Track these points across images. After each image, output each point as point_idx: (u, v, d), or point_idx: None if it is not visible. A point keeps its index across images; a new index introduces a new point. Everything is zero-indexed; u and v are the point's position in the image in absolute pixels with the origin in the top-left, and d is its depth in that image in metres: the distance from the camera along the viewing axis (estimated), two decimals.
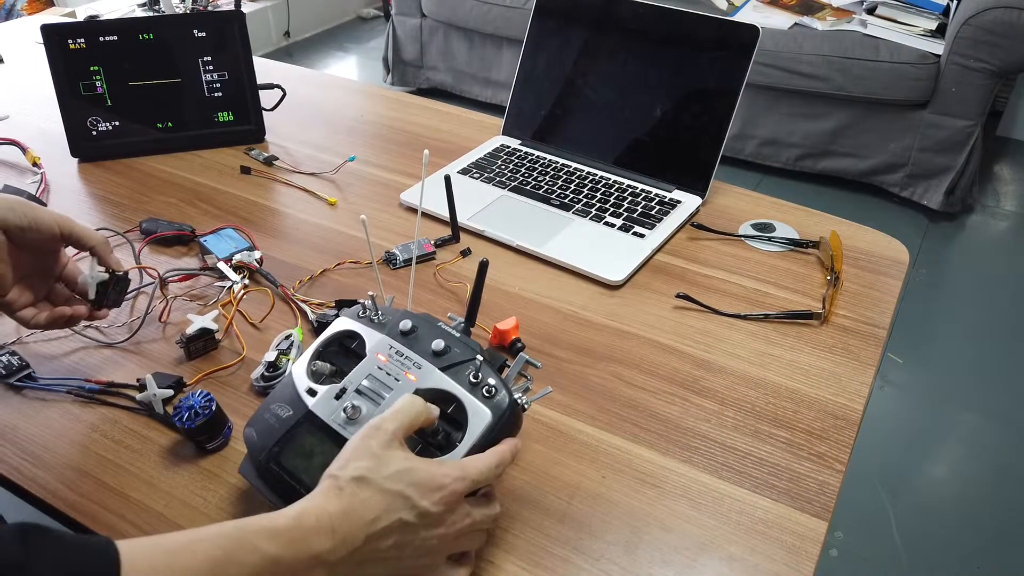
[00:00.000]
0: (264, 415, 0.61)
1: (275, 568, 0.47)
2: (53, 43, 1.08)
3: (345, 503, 0.50)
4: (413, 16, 3.10)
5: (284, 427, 0.59)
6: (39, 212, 0.68)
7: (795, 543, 0.62)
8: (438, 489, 0.52)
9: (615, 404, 0.75)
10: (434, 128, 1.27)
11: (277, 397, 0.62)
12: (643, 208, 1.02)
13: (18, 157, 1.14)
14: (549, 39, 1.14)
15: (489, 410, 0.56)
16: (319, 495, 0.51)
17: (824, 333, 0.84)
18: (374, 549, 0.51)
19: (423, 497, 0.52)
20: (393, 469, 0.52)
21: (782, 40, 2.48)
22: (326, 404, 0.59)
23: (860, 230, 1.02)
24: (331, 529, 0.49)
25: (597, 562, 0.60)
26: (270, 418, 0.60)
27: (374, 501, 0.51)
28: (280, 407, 0.61)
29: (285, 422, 0.60)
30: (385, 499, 0.51)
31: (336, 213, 1.04)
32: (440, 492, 0.52)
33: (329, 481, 0.52)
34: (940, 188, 2.47)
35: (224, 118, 1.18)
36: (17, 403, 0.73)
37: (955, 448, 1.78)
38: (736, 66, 1.01)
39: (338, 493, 0.51)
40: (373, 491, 0.51)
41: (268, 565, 0.47)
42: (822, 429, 0.73)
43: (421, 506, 0.51)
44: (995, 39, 2.23)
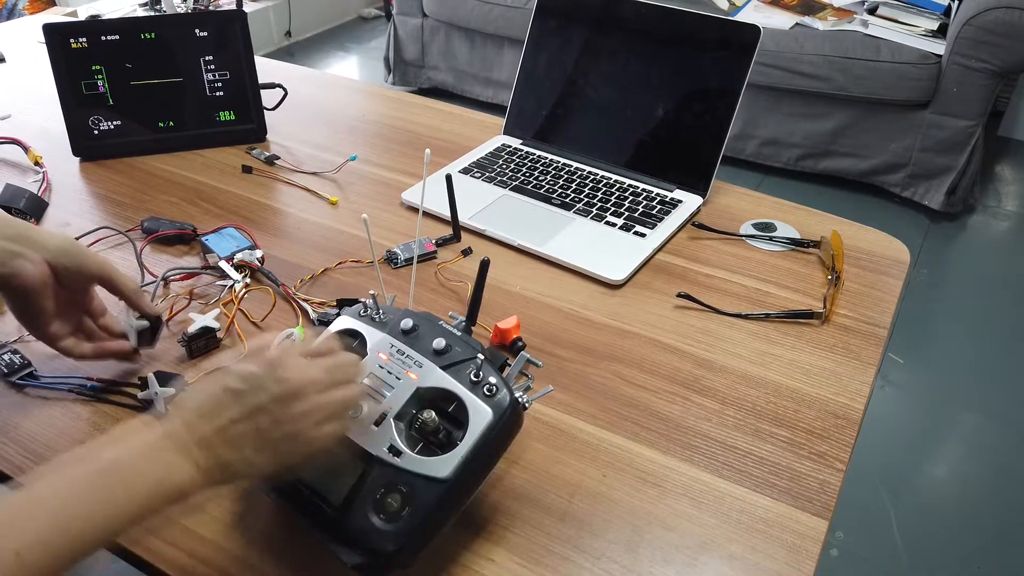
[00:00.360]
0: None
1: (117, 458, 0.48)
2: (55, 42, 1.08)
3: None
4: (414, 16, 3.10)
5: None
6: (85, 257, 0.70)
7: (796, 542, 0.62)
8: (254, 355, 0.55)
9: (616, 403, 0.75)
10: (435, 128, 1.27)
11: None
12: (644, 208, 1.02)
13: (20, 156, 1.14)
14: (550, 39, 1.15)
15: (490, 409, 0.56)
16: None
17: (825, 333, 0.85)
18: (216, 423, 0.51)
19: (242, 364, 0.54)
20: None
21: (783, 40, 2.48)
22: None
23: (861, 230, 1.02)
24: (157, 419, 0.52)
25: (598, 561, 0.60)
26: None
27: (198, 386, 0.55)
28: None
29: None
30: (208, 379, 0.54)
31: (337, 212, 1.04)
32: (256, 357, 0.54)
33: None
34: (941, 188, 2.47)
35: (225, 117, 1.18)
36: (19, 401, 0.73)
37: (956, 448, 1.78)
38: (737, 66, 1.01)
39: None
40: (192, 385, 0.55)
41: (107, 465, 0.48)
42: (823, 428, 0.73)
43: (242, 370, 0.53)
44: (996, 39, 2.23)
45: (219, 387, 0.53)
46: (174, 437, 0.50)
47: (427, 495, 0.54)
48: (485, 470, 0.58)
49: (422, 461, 0.55)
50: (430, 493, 0.54)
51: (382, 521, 0.54)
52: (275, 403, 0.53)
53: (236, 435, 0.51)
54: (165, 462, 0.49)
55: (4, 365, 0.76)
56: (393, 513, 0.54)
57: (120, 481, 0.47)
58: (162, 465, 0.49)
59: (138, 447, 0.49)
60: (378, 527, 0.54)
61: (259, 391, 0.53)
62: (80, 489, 0.46)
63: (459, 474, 0.54)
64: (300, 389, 0.54)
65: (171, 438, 0.50)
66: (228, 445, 0.51)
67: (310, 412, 0.54)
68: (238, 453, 0.51)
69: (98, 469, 0.47)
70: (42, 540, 0.44)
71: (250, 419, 0.52)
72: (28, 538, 0.44)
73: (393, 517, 0.54)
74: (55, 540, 0.44)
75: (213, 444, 0.51)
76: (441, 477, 0.54)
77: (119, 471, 0.48)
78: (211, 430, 0.51)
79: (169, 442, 0.50)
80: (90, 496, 0.46)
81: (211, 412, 0.52)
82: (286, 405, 0.53)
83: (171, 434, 0.50)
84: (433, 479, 0.54)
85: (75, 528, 0.45)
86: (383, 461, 0.56)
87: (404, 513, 0.54)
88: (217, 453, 0.51)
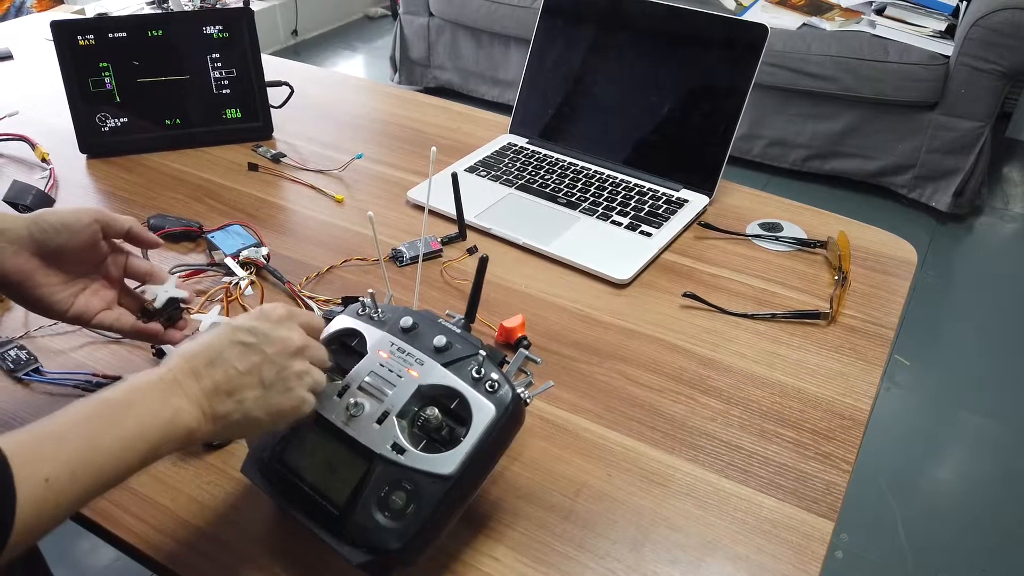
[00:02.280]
0: None
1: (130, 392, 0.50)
2: (63, 39, 1.08)
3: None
4: (421, 15, 3.10)
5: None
6: (63, 214, 0.67)
7: (801, 543, 0.62)
8: (260, 313, 0.57)
9: (621, 402, 0.75)
10: (441, 126, 1.27)
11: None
12: (650, 207, 1.02)
13: (27, 153, 1.15)
14: (557, 38, 1.14)
15: (493, 405, 0.56)
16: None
17: (831, 333, 0.84)
18: (223, 372, 0.53)
19: (250, 319, 0.56)
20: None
21: (790, 40, 2.47)
22: (328, 402, 0.59)
23: (868, 230, 1.01)
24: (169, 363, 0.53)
25: (602, 560, 0.60)
26: None
27: (205, 336, 0.55)
28: None
29: None
30: (216, 331, 0.55)
31: (343, 210, 1.04)
32: (262, 315, 0.57)
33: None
34: (948, 190, 2.46)
35: (232, 115, 1.18)
36: (24, 397, 0.74)
37: (962, 451, 1.77)
38: (744, 65, 1.01)
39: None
40: (199, 337, 0.56)
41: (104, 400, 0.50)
42: (829, 429, 0.72)
43: (251, 324, 0.55)
44: (1005, 40, 2.22)
45: (228, 339, 0.54)
46: (182, 384, 0.52)
47: (432, 492, 0.54)
48: (488, 466, 0.58)
49: (426, 458, 0.55)
50: (435, 490, 0.54)
51: (387, 519, 0.54)
52: (278, 357, 0.55)
53: (238, 386, 0.53)
54: (174, 405, 0.51)
55: (10, 361, 0.76)
56: (398, 511, 0.54)
57: (134, 418, 0.49)
58: (171, 408, 0.50)
59: (148, 391, 0.51)
60: (383, 525, 0.54)
61: (265, 343, 0.55)
62: (98, 423, 0.48)
63: (463, 470, 0.54)
64: (299, 350, 0.56)
65: (179, 384, 0.52)
66: (231, 397, 0.53)
67: (304, 373, 0.56)
68: (239, 405, 0.53)
69: (112, 407, 0.49)
70: (69, 468, 0.45)
71: (253, 371, 0.54)
72: (55, 466, 0.45)
73: (398, 515, 0.54)
74: (80, 469, 0.46)
75: (218, 392, 0.53)
76: (445, 474, 0.54)
77: (132, 409, 0.49)
78: (218, 378, 0.53)
79: (178, 387, 0.51)
80: (108, 430, 0.48)
81: (217, 364, 0.53)
82: (287, 360, 0.55)
83: (179, 381, 0.52)
84: (437, 476, 0.54)
85: (97, 459, 0.47)
86: (387, 459, 0.55)
87: (409, 510, 0.54)
88: (222, 401, 0.53)
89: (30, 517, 0.43)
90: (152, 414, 0.50)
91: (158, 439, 0.49)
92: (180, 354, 0.53)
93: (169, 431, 0.50)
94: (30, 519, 0.43)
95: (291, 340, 0.56)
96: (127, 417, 0.49)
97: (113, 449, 0.48)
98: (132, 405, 0.50)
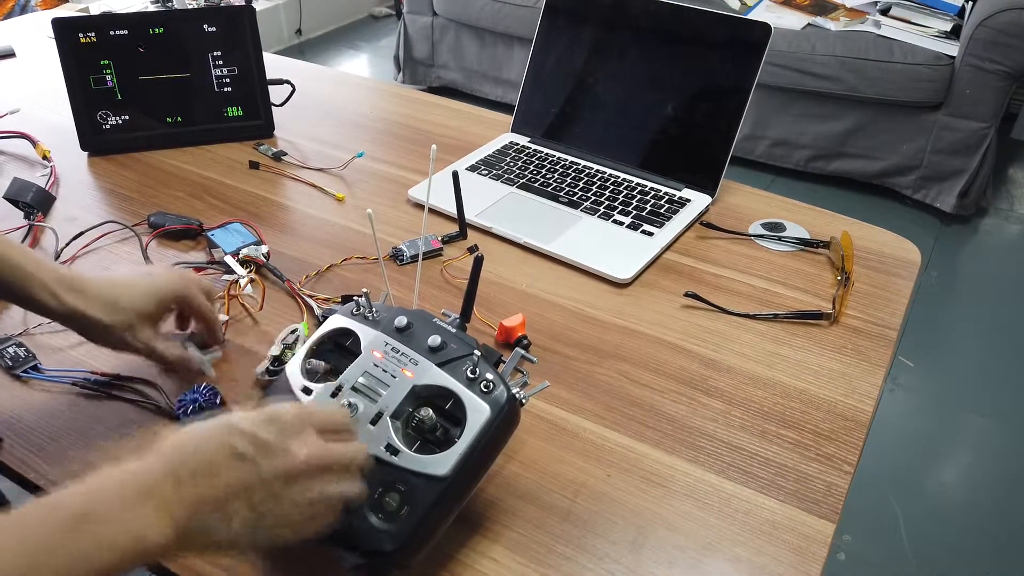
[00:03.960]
0: None
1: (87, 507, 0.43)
2: (64, 37, 1.08)
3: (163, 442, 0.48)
4: (425, 14, 3.10)
5: None
6: (164, 295, 0.71)
7: (802, 544, 0.61)
8: (261, 415, 0.50)
9: (622, 402, 0.74)
10: (443, 125, 1.26)
11: (273, 396, 0.61)
12: (652, 206, 1.01)
13: (28, 150, 1.15)
14: (559, 36, 1.14)
15: (488, 405, 0.56)
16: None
17: (834, 333, 0.84)
18: (210, 488, 0.46)
19: (253, 423, 0.49)
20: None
21: (795, 40, 2.46)
22: (322, 403, 0.58)
23: (871, 230, 1.01)
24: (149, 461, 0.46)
25: (601, 561, 0.60)
26: None
27: (197, 434, 0.48)
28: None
29: None
30: (213, 429, 0.48)
31: (344, 209, 1.03)
32: (270, 419, 0.50)
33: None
34: (953, 191, 2.45)
35: (233, 113, 1.18)
36: (23, 394, 0.73)
37: (965, 452, 1.76)
38: (747, 64, 1.00)
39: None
40: (193, 429, 0.49)
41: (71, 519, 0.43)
42: (831, 430, 0.72)
43: (252, 433, 0.48)
44: (1010, 41, 2.21)
45: (222, 442, 0.48)
46: (156, 493, 0.44)
47: (426, 493, 0.53)
48: (483, 467, 0.58)
49: (420, 459, 0.54)
50: (429, 491, 0.53)
51: (381, 520, 0.53)
52: (278, 479, 0.48)
53: (228, 506, 0.47)
54: (143, 519, 0.43)
55: (8, 358, 0.76)
56: (392, 512, 0.53)
57: (91, 536, 0.42)
58: (139, 521, 0.43)
59: (112, 499, 0.44)
60: (377, 527, 0.53)
61: (266, 460, 0.48)
62: (47, 540, 0.42)
63: (458, 471, 0.54)
64: (306, 470, 0.49)
65: (153, 494, 0.44)
66: (216, 514, 0.46)
67: (307, 503, 0.49)
68: (224, 525, 0.46)
69: (69, 521, 0.42)
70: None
71: (248, 492, 0.47)
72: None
73: (392, 516, 0.53)
74: None
75: (200, 510, 0.46)
76: (440, 475, 0.53)
77: (91, 525, 0.43)
78: (202, 494, 0.46)
79: (150, 496, 0.44)
80: (58, 549, 0.41)
81: (207, 473, 0.46)
82: (288, 485, 0.49)
83: (153, 489, 0.45)
84: (432, 477, 0.54)
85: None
86: (381, 460, 0.55)
87: (403, 512, 0.53)
88: (201, 519, 0.46)
89: None
90: (114, 530, 0.43)
91: (117, 559, 0.42)
92: (162, 452, 0.46)
93: (131, 552, 0.43)
94: None
95: (293, 459, 0.49)
96: (84, 532, 0.42)
97: (64, 567, 0.41)
98: (92, 518, 0.43)
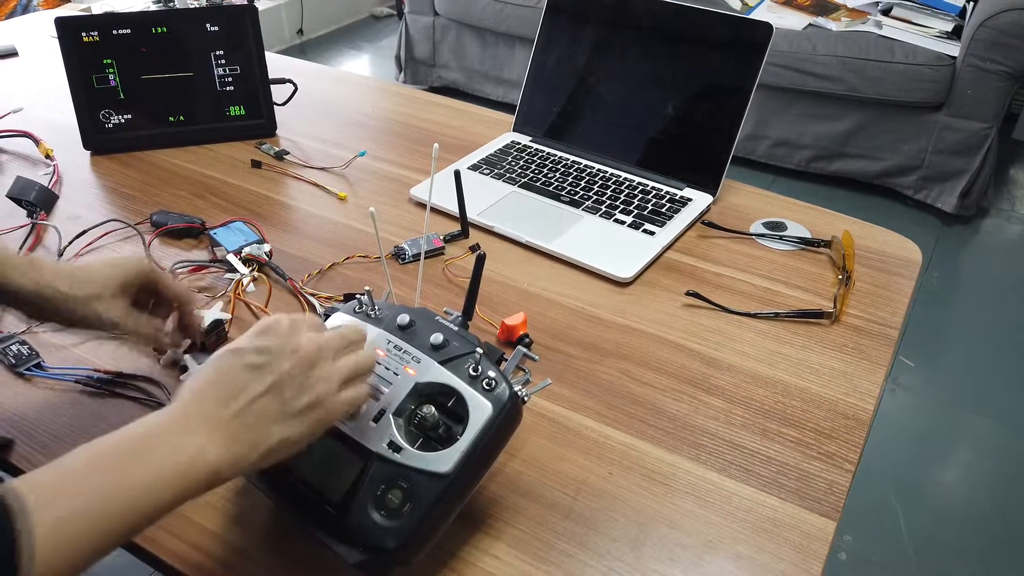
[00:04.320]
0: None
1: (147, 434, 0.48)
2: (67, 36, 1.09)
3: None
4: (426, 14, 3.10)
5: None
6: (93, 284, 0.69)
7: (803, 542, 0.61)
8: (264, 329, 0.54)
9: (623, 400, 0.74)
10: (445, 124, 1.26)
11: None
12: (653, 206, 1.02)
13: (31, 149, 1.15)
14: (561, 36, 1.14)
15: (490, 403, 0.56)
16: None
17: (835, 332, 0.84)
18: (239, 404, 0.50)
19: (254, 338, 0.53)
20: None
21: (796, 41, 2.46)
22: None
23: (873, 230, 1.01)
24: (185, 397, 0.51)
25: (602, 558, 0.60)
26: None
27: (211, 367, 0.52)
28: None
29: None
30: (220, 358, 0.52)
31: (346, 208, 1.04)
32: (267, 330, 0.53)
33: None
34: (954, 191, 2.45)
35: (236, 112, 1.18)
36: (26, 392, 0.73)
37: (966, 453, 1.76)
38: (749, 63, 1.00)
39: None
40: (198, 373, 0.52)
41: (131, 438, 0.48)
42: (832, 428, 0.72)
43: (257, 344, 0.52)
44: (1012, 41, 2.21)
45: (236, 365, 0.51)
46: (199, 421, 0.49)
47: (428, 490, 0.53)
48: (485, 464, 0.58)
49: (422, 456, 0.55)
50: (431, 488, 0.53)
51: (383, 518, 0.53)
52: (295, 372, 0.52)
53: (261, 412, 0.50)
54: (195, 444, 0.48)
55: (12, 356, 0.76)
56: (394, 509, 0.53)
57: (151, 460, 0.47)
58: (192, 447, 0.48)
59: (163, 433, 0.48)
60: (379, 524, 0.53)
61: (278, 362, 0.52)
62: (115, 465, 0.46)
63: (460, 469, 0.54)
64: (316, 355, 0.53)
65: (196, 422, 0.49)
66: (255, 423, 0.50)
67: (329, 377, 0.53)
68: (265, 430, 0.50)
69: (130, 449, 0.47)
70: (84, 509, 0.44)
71: (273, 392, 0.51)
72: (73, 506, 0.44)
73: (394, 513, 0.53)
74: (98, 511, 0.44)
75: (240, 426, 0.50)
76: (442, 472, 0.54)
77: (150, 452, 0.47)
78: (235, 412, 0.50)
79: (195, 425, 0.49)
80: (127, 472, 0.46)
81: (231, 395, 0.50)
82: (306, 372, 0.52)
83: (195, 418, 0.49)
84: (434, 474, 0.54)
85: (114, 505, 0.45)
86: (383, 457, 0.55)
87: (405, 509, 0.53)
88: (245, 434, 0.50)
89: (50, 557, 0.42)
90: (173, 452, 0.47)
91: (181, 479, 0.47)
92: (190, 390, 0.51)
93: (193, 470, 0.47)
94: (50, 558, 0.42)
95: (304, 348, 0.53)
96: (147, 456, 0.47)
97: (133, 489, 0.46)
98: (151, 443, 0.47)
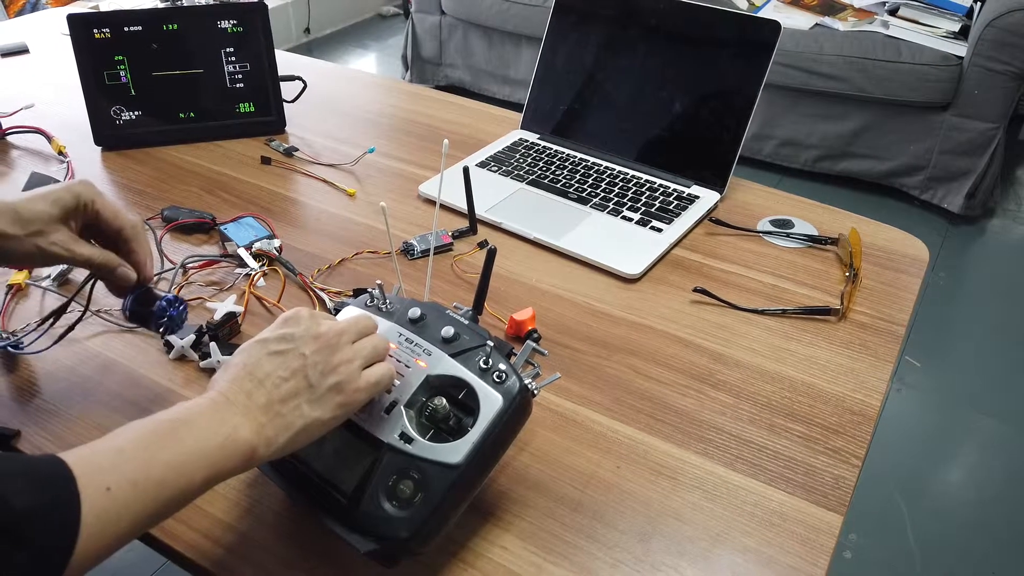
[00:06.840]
0: None
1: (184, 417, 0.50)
2: (79, 33, 1.09)
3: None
4: (432, 14, 3.11)
5: None
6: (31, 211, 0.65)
7: (810, 536, 0.62)
8: (284, 321, 0.57)
9: (631, 395, 0.75)
10: (453, 122, 1.27)
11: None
12: (661, 203, 1.02)
13: (44, 145, 1.16)
14: (568, 34, 1.14)
15: (500, 395, 0.56)
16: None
17: (842, 329, 0.84)
18: (268, 387, 0.53)
19: (275, 329, 0.56)
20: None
21: (803, 40, 2.46)
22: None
23: (879, 227, 1.01)
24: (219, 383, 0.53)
25: (611, 551, 0.60)
26: None
27: (239, 356, 0.55)
28: None
29: None
30: (246, 349, 0.55)
31: (355, 204, 1.04)
32: (286, 321, 0.56)
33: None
34: (961, 191, 2.45)
35: (245, 109, 1.19)
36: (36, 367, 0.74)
37: (972, 452, 1.76)
38: (757, 61, 1.01)
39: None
40: (223, 370, 0.55)
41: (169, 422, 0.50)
42: (839, 424, 0.72)
43: (279, 334, 0.55)
44: (1019, 41, 2.21)
45: (262, 353, 0.54)
46: (235, 403, 0.51)
47: (439, 481, 0.54)
48: (496, 456, 0.58)
49: (434, 447, 0.55)
50: (442, 479, 0.54)
51: (395, 508, 0.54)
52: (317, 355, 0.54)
53: (289, 395, 0.53)
54: (232, 423, 0.50)
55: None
56: (406, 500, 0.54)
57: (191, 434, 0.49)
58: (229, 425, 0.50)
59: (202, 412, 0.50)
60: (391, 514, 0.54)
61: (300, 347, 0.54)
62: (155, 439, 0.48)
63: (471, 460, 0.54)
64: (336, 339, 0.55)
65: (232, 403, 0.51)
66: (284, 407, 0.52)
67: (351, 359, 0.55)
68: (294, 412, 0.53)
69: (170, 424, 0.49)
70: (130, 479, 0.45)
71: (298, 376, 0.53)
72: (117, 477, 0.45)
73: (406, 504, 0.54)
74: (141, 481, 0.46)
75: (270, 410, 0.52)
76: (453, 463, 0.54)
77: (189, 427, 0.49)
78: (265, 396, 0.52)
79: (232, 406, 0.51)
80: (167, 445, 0.48)
81: (260, 380, 0.53)
82: (327, 355, 0.54)
83: (231, 400, 0.51)
84: (445, 465, 0.54)
85: (156, 473, 0.47)
86: (395, 448, 0.56)
87: (417, 499, 0.54)
88: (276, 417, 0.52)
89: (94, 527, 0.43)
90: (210, 431, 0.49)
91: (218, 456, 0.49)
92: (224, 378, 0.53)
93: (229, 448, 0.50)
94: (94, 529, 0.43)
95: (325, 334, 0.55)
96: (185, 434, 0.49)
97: (173, 464, 0.47)
98: (189, 423, 0.49)
